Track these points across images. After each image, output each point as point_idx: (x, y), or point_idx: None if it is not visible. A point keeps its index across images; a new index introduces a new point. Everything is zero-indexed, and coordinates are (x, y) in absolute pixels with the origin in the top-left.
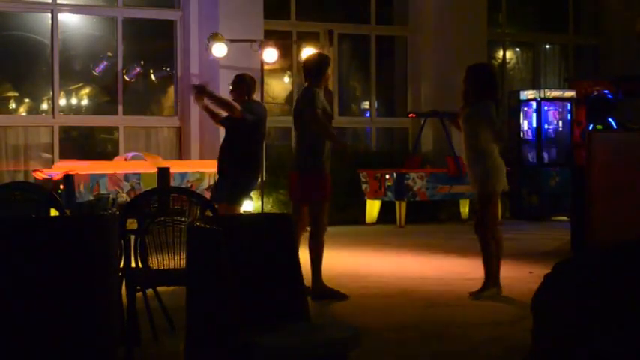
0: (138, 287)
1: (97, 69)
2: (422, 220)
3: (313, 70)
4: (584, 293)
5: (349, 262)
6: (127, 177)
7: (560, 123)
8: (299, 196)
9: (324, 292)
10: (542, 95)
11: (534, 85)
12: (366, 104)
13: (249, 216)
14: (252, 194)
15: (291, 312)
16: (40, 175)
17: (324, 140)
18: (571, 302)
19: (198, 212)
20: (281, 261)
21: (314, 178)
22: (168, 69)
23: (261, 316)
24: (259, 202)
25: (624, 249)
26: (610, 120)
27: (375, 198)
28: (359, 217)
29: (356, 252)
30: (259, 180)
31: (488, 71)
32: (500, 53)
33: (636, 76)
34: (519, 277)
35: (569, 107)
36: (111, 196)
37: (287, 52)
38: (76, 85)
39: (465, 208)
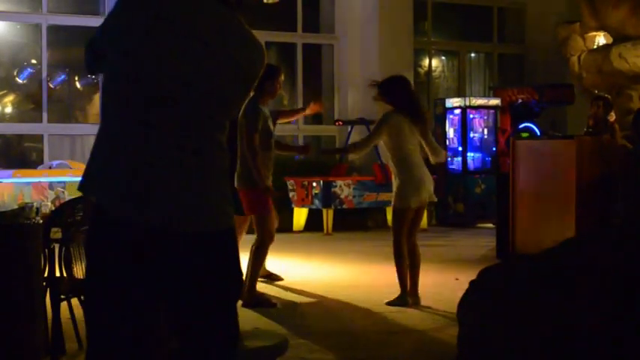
0: (62, 297)
1: (20, 76)
2: (349, 228)
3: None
4: (508, 299)
5: (276, 270)
6: (51, 185)
7: (486, 131)
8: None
9: (254, 299)
10: (467, 103)
11: (460, 94)
12: None
13: None
14: None
15: None
16: None
17: (262, 153)
18: (495, 308)
19: None
20: None
21: (250, 192)
22: (93, 76)
23: None
24: None
25: (546, 256)
26: (533, 126)
27: (302, 206)
28: (286, 225)
29: (283, 260)
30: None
31: (391, 83)
32: (426, 61)
33: (559, 84)
34: (446, 284)
35: (494, 115)
36: (35, 204)
37: None
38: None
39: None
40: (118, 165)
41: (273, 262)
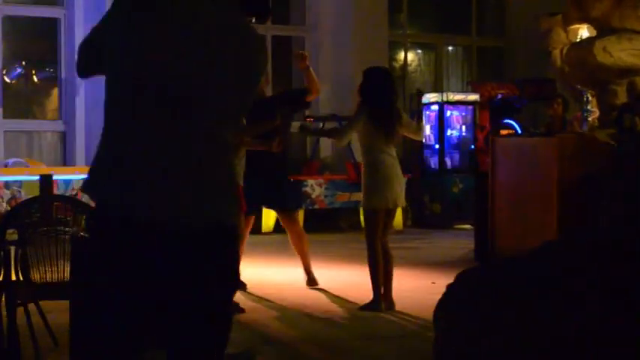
0: (19, 302)
1: None
2: (321, 229)
3: None
4: (486, 303)
5: (245, 274)
6: (7, 184)
7: (464, 127)
8: None
9: None
10: (444, 99)
11: (437, 88)
12: None
13: None
14: None
15: None
16: None
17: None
18: (472, 313)
19: (83, 222)
20: None
21: None
22: (52, 70)
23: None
24: None
25: (524, 260)
26: (514, 124)
27: None
28: (254, 226)
29: (252, 263)
30: None
31: (365, 76)
32: (402, 55)
33: (540, 80)
34: (422, 287)
35: (472, 111)
36: None
37: None
38: None
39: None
40: (128, 165)
41: (241, 266)
